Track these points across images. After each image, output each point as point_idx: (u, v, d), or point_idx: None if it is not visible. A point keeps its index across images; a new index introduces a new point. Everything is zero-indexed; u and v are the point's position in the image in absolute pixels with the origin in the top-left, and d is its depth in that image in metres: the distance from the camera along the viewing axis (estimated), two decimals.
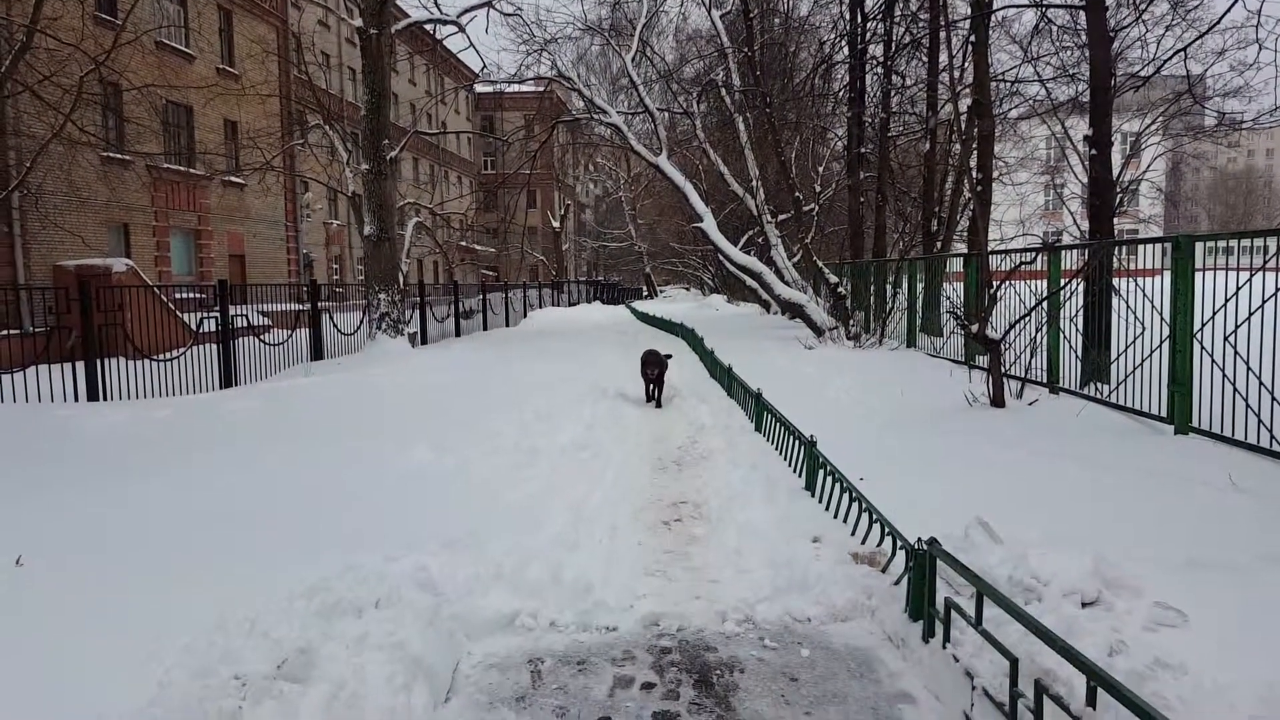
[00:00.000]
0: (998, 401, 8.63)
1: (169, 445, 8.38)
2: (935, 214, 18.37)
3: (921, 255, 17.01)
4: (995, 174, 17.48)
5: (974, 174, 12.93)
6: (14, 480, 6.92)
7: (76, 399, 11.49)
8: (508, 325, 29.30)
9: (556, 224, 57.09)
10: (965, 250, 15.99)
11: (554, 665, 3.93)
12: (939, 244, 18.24)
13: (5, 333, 12.95)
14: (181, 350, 12.88)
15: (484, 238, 53.12)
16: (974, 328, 8.88)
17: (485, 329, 26.70)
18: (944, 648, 3.51)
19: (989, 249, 10.99)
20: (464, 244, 45.64)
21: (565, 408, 9.97)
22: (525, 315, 33.31)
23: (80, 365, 11.68)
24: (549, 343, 20.45)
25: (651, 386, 10.68)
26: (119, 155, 21.19)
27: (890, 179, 19.61)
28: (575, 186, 66.85)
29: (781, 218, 20.52)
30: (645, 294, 57.27)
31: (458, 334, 23.66)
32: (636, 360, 11.37)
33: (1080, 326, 9.16)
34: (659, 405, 10.36)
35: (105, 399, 11.68)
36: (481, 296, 27.97)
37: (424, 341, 20.47)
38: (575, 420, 9.19)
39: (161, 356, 12.64)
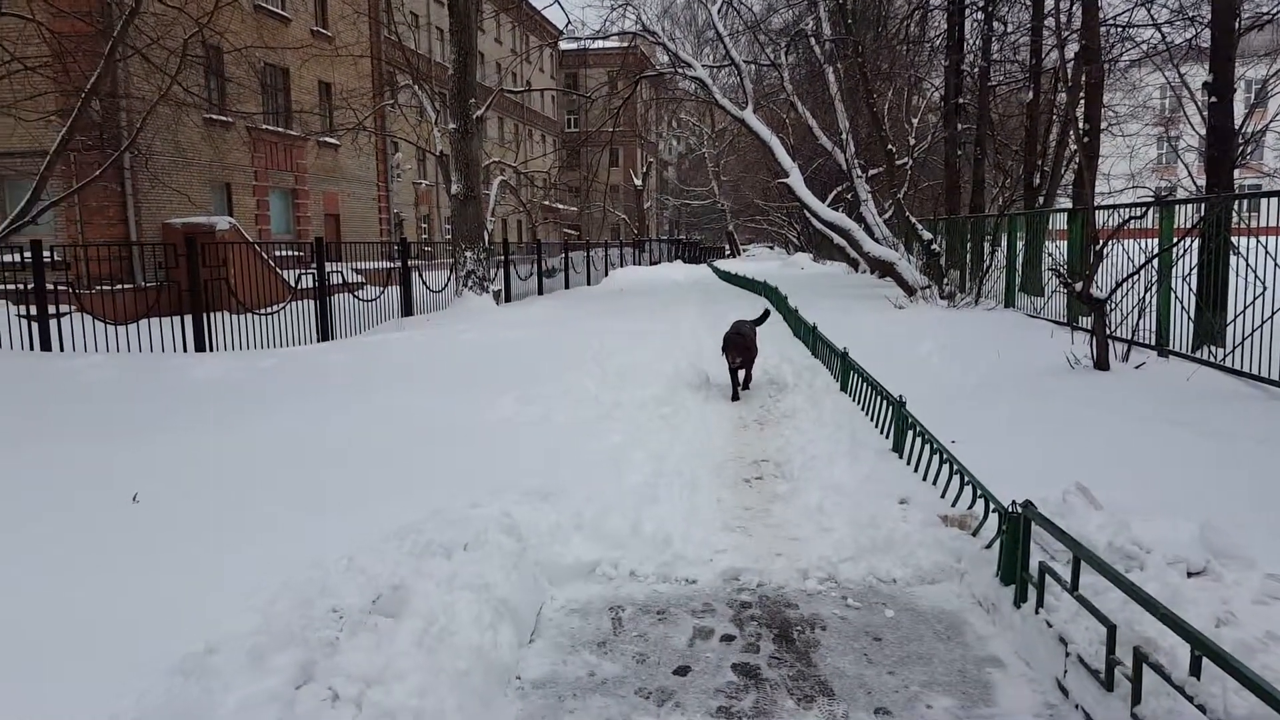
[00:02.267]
0: (1101, 364, 8.26)
1: (271, 393, 8.71)
2: (1038, 167, 17.58)
3: (1022, 210, 16.34)
4: (1103, 124, 16.55)
5: (1080, 124, 12.29)
6: (133, 423, 7.31)
7: (185, 350, 12.05)
8: (589, 284, 29.45)
9: (639, 182, 56.86)
10: (1069, 205, 15.28)
11: (634, 614, 3.97)
12: (1041, 199, 17.49)
13: (119, 287, 13.59)
14: (281, 305, 13.34)
15: (566, 196, 53.29)
16: (1078, 286, 8.50)
17: (567, 287, 26.91)
18: (1037, 613, 3.40)
19: (1095, 203, 10.49)
20: (547, 203, 45.88)
21: (646, 364, 9.97)
22: (606, 274, 33.40)
23: (188, 318, 12.23)
24: (630, 301, 20.48)
25: (739, 374, 8.52)
26: (221, 117, 21.91)
27: (990, 131, 18.80)
28: (658, 144, 66.29)
29: (872, 172, 19.94)
30: (728, 253, 56.71)
31: (540, 292, 23.90)
32: (716, 318, 11.09)
33: (1193, 286, 8.67)
34: (736, 397, 8.33)
35: (211, 350, 12.22)
36: (564, 255, 28.14)
37: (508, 299, 20.74)
38: (656, 376, 9.18)
39: (262, 311, 13.13)
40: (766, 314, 10.33)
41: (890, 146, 18.07)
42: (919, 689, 3.24)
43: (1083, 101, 13.43)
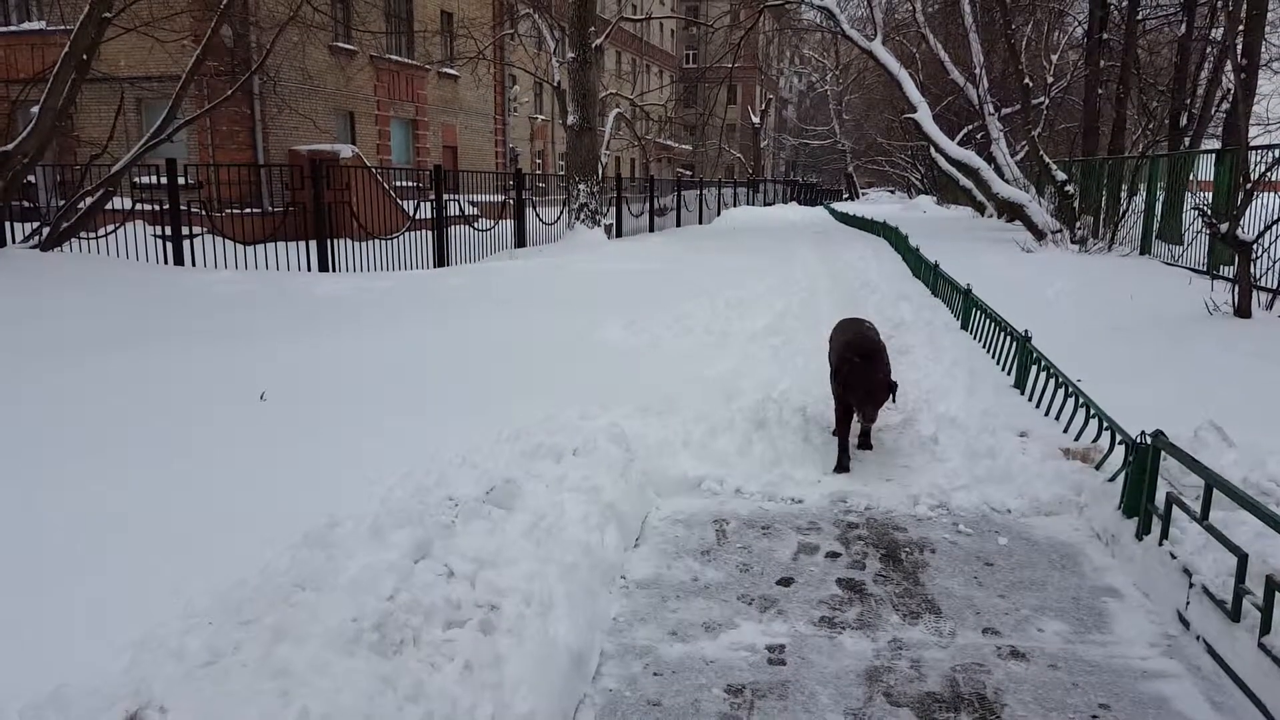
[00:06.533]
0: (1243, 311, 7.74)
1: (391, 310, 9.05)
2: (1185, 107, 16.34)
3: (1165, 153, 15.26)
4: (1263, 60, 15.18)
5: (1238, 57, 11.32)
6: (263, 331, 7.72)
7: (309, 269, 12.58)
8: (701, 222, 29.20)
9: (756, 120, 55.59)
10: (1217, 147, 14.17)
11: (738, 527, 3.99)
12: (1187, 141, 16.29)
13: (247, 211, 14.23)
14: (399, 233, 13.74)
15: (681, 134, 52.65)
16: (1223, 227, 7.93)
17: (679, 225, 26.76)
18: (1160, 544, 3.25)
19: (1249, 144, 9.72)
20: (661, 140, 45.48)
21: (756, 297, 9.89)
22: (719, 213, 33.03)
23: (312, 243, 12.74)
24: (742, 239, 20.23)
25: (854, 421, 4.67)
26: (346, 45, 22.44)
27: (1135, 68, 17.53)
28: (778, 80, 64.48)
29: (1006, 111, 18.91)
30: (846, 195, 55.20)
31: (652, 229, 23.84)
32: (832, 258, 10.70)
33: None
34: (845, 466, 4.61)
35: (333, 270, 12.72)
36: (676, 193, 27.94)
37: (619, 234, 20.78)
38: (766, 309, 9.10)
39: (382, 236, 13.55)
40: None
41: (1027, 81, 17.08)
42: (1030, 613, 3.16)
43: (1242, 32, 12.33)
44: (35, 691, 2.16)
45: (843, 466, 4.58)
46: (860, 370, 4.51)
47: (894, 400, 4.72)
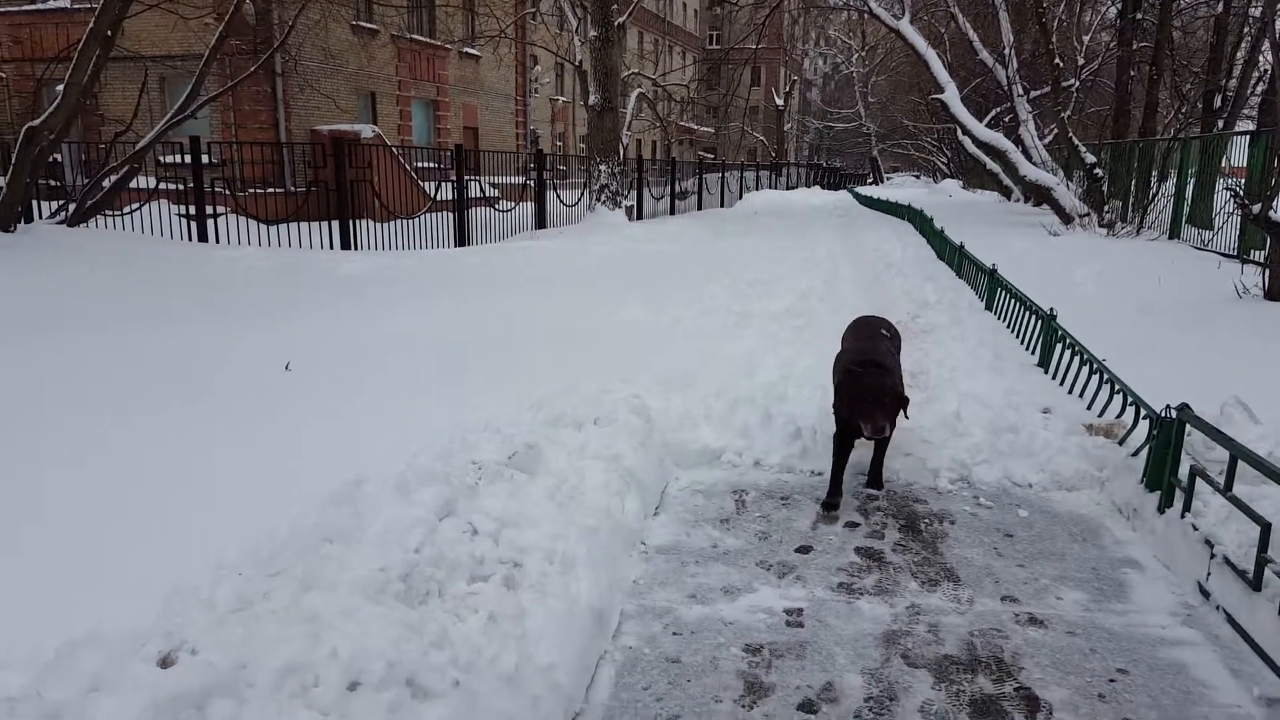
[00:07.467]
0: (1273, 294, 7.64)
1: (411, 287, 9.10)
2: (1220, 89, 16.07)
3: (1198, 134, 15.03)
4: None
5: (1276, 36, 11.12)
6: (294, 306, 7.80)
7: (332, 247, 12.66)
8: (722, 205, 29.07)
9: (780, 101, 55.14)
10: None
11: (758, 497, 4.01)
12: (1221, 123, 16.02)
13: (270, 191, 14.31)
14: (421, 213, 13.80)
15: (703, 115, 52.32)
16: (1255, 209, 7.82)
17: (700, 208, 26.65)
18: (1183, 517, 3.24)
19: None
20: (682, 122, 45.28)
21: (779, 278, 9.86)
22: (740, 197, 32.86)
23: (334, 223, 12.82)
24: (765, 222, 20.15)
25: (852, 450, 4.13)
26: (368, 24, 22.46)
27: (1169, 49, 17.24)
28: (803, 62, 63.85)
29: (1035, 93, 18.65)
30: (870, 179, 54.72)
31: (672, 212, 23.75)
32: (855, 241, 10.59)
33: None
34: (877, 483, 4.16)
35: (356, 249, 12.80)
36: (698, 176, 27.82)
37: (640, 216, 20.74)
38: (788, 290, 9.07)
39: (403, 216, 13.61)
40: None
41: (1058, 61, 16.82)
42: (1049, 582, 3.17)
43: None
44: (69, 633, 2.21)
45: (832, 503, 3.83)
46: (860, 379, 3.91)
47: (906, 415, 4.03)
